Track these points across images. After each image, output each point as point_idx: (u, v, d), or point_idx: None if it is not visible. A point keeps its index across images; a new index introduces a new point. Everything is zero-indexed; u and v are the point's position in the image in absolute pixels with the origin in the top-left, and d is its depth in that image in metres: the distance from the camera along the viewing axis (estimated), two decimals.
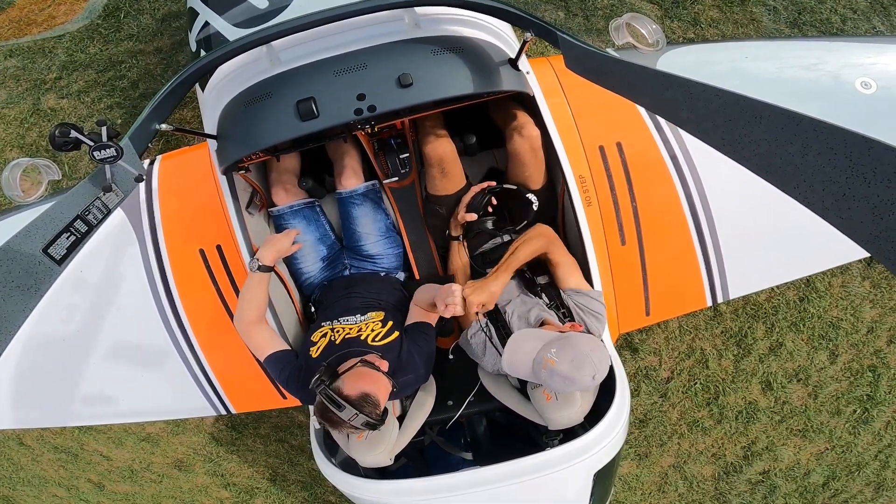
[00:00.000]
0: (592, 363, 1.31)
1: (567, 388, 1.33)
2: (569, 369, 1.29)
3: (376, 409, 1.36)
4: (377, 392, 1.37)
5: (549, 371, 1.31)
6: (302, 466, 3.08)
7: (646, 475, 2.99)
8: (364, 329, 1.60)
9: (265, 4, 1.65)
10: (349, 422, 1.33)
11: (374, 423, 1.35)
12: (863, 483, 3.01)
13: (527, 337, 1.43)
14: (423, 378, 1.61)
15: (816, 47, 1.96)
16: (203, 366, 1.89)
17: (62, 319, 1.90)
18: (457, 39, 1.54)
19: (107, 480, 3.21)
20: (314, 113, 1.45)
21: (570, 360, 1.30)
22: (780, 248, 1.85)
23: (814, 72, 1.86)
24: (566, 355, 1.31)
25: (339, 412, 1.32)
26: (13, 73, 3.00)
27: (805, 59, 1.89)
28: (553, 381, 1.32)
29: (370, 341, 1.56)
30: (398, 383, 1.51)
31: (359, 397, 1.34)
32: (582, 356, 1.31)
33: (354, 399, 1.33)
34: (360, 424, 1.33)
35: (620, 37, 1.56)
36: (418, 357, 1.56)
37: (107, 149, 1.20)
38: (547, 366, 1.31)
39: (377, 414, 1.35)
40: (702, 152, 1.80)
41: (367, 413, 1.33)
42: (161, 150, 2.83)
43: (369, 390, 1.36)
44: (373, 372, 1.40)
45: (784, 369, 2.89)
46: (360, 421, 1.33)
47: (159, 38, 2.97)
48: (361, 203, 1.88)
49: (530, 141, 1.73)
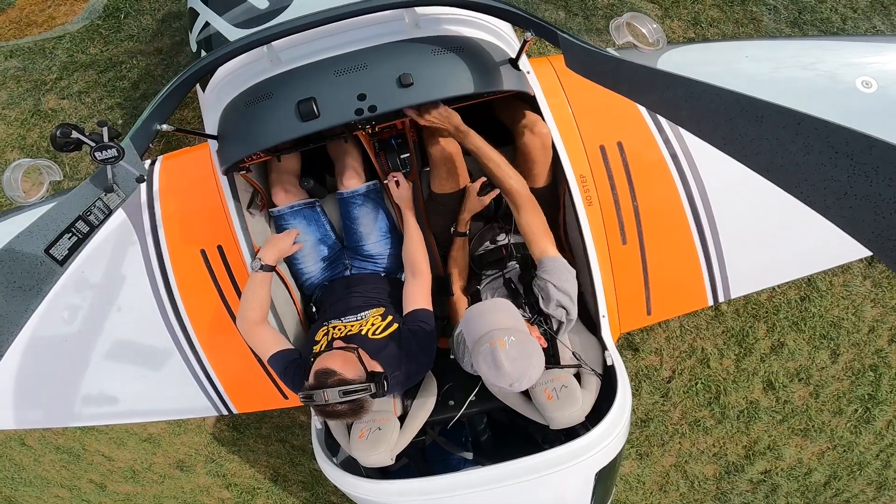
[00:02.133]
0: (523, 374, 1.30)
1: (487, 374, 1.33)
2: (507, 362, 1.28)
3: (340, 376, 1.35)
4: (331, 364, 1.38)
5: (491, 349, 1.30)
6: (303, 466, 3.08)
7: (647, 475, 2.99)
8: (364, 325, 1.62)
9: (265, 5, 1.65)
10: (328, 403, 1.33)
11: (350, 391, 1.33)
12: (864, 482, 3.01)
13: (505, 310, 1.43)
14: (426, 365, 1.61)
15: (817, 46, 1.96)
16: (205, 366, 1.89)
17: (64, 320, 1.90)
18: (457, 39, 1.54)
19: (109, 481, 3.21)
20: (315, 113, 1.45)
21: (515, 357, 1.29)
22: (781, 247, 1.85)
23: (814, 71, 1.86)
24: (516, 352, 1.30)
25: (316, 402, 1.34)
26: (13, 73, 3.01)
27: (805, 58, 1.89)
28: (483, 360, 1.32)
29: (370, 335, 1.58)
30: (402, 373, 1.52)
31: (316, 378, 1.36)
32: (524, 364, 1.30)
33: (314, 383, 1.36)
34: (338, 399, 1.32)
35: (621, 36, 1.55)
36: (418, 345, 1.57)
37: (108, 149, 1.20)
38: (495, 344, 1.30)
39: (344, 379, 1.35)
40: (703, 151, 1.80)
41: (331, 384, 1.33)
42: (162, 150, 2.83)
43: (322, 366, 1.38)
44: (328, 353, 1.43)
45: (785, 369, 2.88)
46: (333, 396, 1.32)
47: (160, 38, 2.97)
48: (362, 203, 1.88)
49: (542, 138, 1.73)
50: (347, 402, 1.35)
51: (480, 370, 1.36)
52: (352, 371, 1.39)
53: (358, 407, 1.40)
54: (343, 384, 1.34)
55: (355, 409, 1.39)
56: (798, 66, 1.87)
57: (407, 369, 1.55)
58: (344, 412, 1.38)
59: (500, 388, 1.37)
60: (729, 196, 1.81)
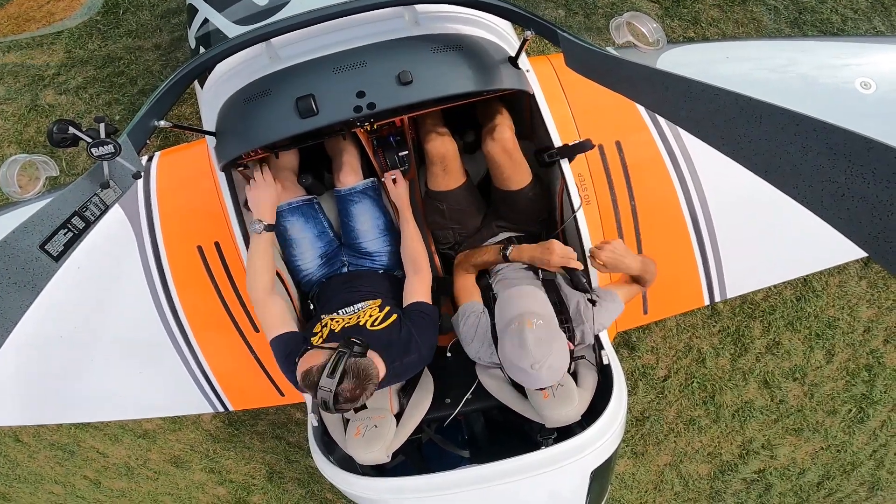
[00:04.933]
0: (544, 357, 1.33)
1: (511, 354, 1.37)
2: (532, 342, 1.33)
3: (318, 366, 1.31)
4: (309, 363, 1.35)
5: (518, 328, 1.37)
6: (299, 463, 3.08)
7: (642, 473, 3.00)
8: (362, 316, 1.60)
9: (265, 1, 1.64)
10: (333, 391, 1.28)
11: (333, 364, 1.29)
12: (857, 482, 3.03)
13: (540, 299, 1.52)
14: (426, 358, 1.60)
15: (816, 47, 1.97)
16: (200, 363, 1.89)
17: (59, 316, 1.89)
18: (457, 37, 1.54)
19: (103, 477, 3.20)
20: (313, 110, 1.44)
21: (540, 339, 1.34)
22: (777, 247, 1.86)
23: (814, 71, 1.86)
24: (542, 334, 1.36)
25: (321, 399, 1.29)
26: (11, 69, 2.99)
27: (806, 58, 1.89)
28: (509, 339, 1.38)
29: (369, 326, 1.56)
30: (402, 364, 1.51)
31: (304, 381, 1.33)
32: (546, 349, 1.34)
33: (303, 387, 1.35)
34: (333, 384, 1.27)
35: (621, 35, 1.55)
36: (419, 335, 1.56)
37: (105, 145, 1.19)
38: (523, 324, 1.37)
39: (321, 365, 1.30)
40: (701, 152, 1.80)
41: (317, 380, 1.29)
42: (160, 146, 2.82)
43: (301, 369, 1.36)
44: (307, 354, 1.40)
45: (781, 368, 2.90)
46: (328, 384, 1.27)
47: (158, 34, 2.96)
48: (360, 200, 1.88)
49: (502, 143, 1.72)
50: (341, 379, 1.28)
51: (504, 350, 1.40)
52: (325, 355, 1.35)
53: (359, 380, 1.31)
54: (321, 371, 1.29)
55: (359, 381, 1.31)
56: (798, 66, 1.87)
57: (408, 361, 1.53)
58: (350, 397, 1.31)
59: (520, 370, 1.36)
60: (726, 196, 1.82)
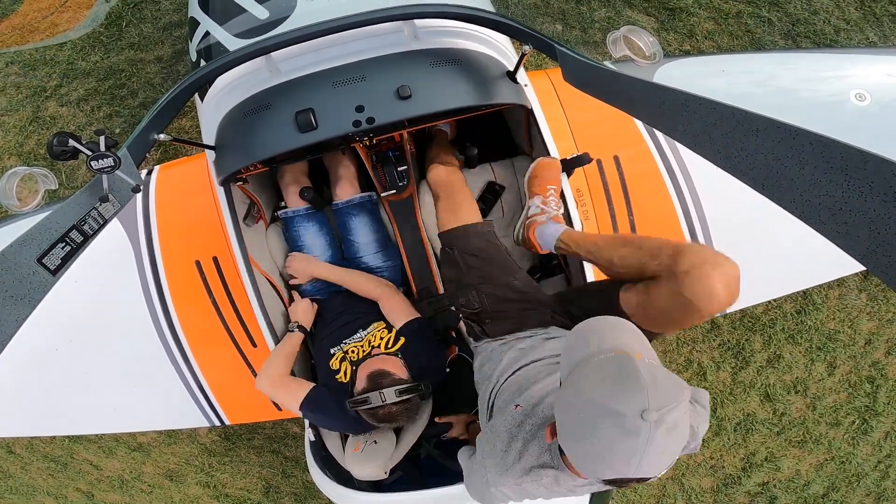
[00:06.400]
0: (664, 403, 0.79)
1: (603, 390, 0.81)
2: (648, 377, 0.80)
3: (394, 376, 1.41)
4: (383, 365, 1.44)
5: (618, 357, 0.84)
6: (296, 478, 3.04)
7: (644, 488, 2.96)
8: (373, 340, 1.64)
9: (266, 15, 1.66)
10: (385, 404, 1.36)
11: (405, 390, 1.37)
12: (863, 494, 2.99)
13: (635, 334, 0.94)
14: (441, 369, 1.66)
15: (809, 59, 1.98)
16: (197, 377, 1.87)
17: (56, 329, 1.88)
18: (455, 52, 1.55)
19: (96, 490, 3.16)
20: (313, 124, 1.45)
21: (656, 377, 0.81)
22: (776, 261, 1.85)
23: (807, 84, 1.88)
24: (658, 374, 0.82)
25: (372, 404, 1.37)
26: (14, 80, 3.01)
27: (799, 71, 1.91)
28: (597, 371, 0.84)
29: (384, 349, 1.60)
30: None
31: (370, 381, 1.40)
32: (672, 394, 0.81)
33: (368, 385, 1.40)
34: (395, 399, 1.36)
35: (618, 49, 1.57)
36: (427, 349, 1.61)
37: (104, 158, 1.19)
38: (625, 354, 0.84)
39: (399, 379, 1.41)
40: (698, 166, 1.80)
41: (388, 384, 1.37)
42: (159, 159, 2.83)
43: (374, 368, 1.43)
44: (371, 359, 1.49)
45: (782, 381, 2.88)
46: (391, 396, 1.36)
47: (160, 47, 2.98)
48: (357, 214, 1.88)
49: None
50: (403, 402, 1.38)
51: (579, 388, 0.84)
52: (402, 372, 1.45)
53: (414, 406, 1.43)
54: (398, 384, 1.38)
55: (410, 408, 1.43)
56: (793, 79, 1.89)
57: (429, 377, 1.57)
58: (398, 413, 1.40)
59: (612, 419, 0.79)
60: (724, 210, 1.82)
